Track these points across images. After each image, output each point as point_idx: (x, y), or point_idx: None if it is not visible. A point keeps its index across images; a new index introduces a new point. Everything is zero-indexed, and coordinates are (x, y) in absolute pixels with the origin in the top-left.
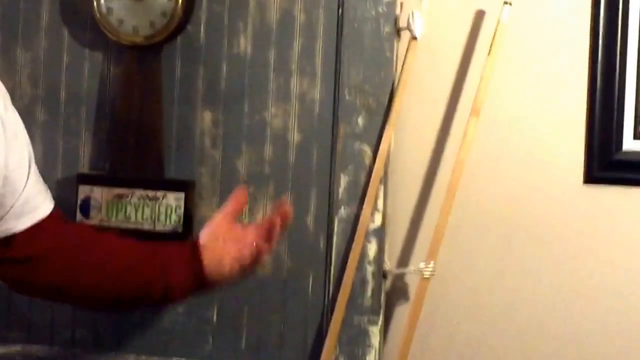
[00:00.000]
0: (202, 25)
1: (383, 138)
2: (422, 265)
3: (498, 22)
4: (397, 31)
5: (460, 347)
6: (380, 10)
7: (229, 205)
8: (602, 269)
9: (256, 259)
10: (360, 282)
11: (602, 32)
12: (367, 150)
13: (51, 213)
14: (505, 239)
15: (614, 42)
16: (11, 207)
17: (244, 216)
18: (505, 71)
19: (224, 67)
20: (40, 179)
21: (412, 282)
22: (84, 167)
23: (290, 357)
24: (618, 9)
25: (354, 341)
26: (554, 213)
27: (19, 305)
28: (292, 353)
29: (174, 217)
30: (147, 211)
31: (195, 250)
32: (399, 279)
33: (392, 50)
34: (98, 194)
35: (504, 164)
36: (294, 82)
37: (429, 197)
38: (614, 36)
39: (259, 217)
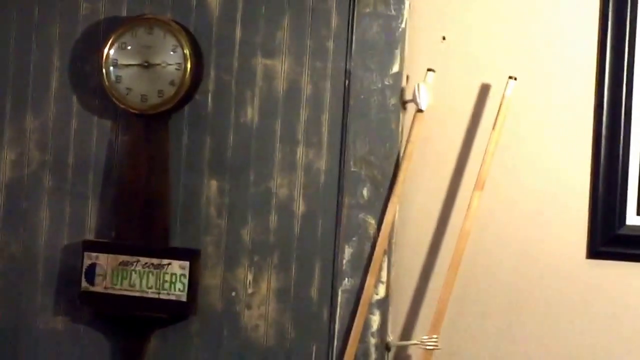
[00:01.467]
0: (209, 94)
1: (388, 209)
2: (425, 338)
3: (503, 96)
4: (403, 103)
5: None
6: (387, 82)
7: None
8: (606, 343)
9: None
10: (363, 354)
11: (606, 110)
12: (372, 222)
13: None
14: (509, 312)
15: (618, 120)
16: None
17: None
18: (510, 144)
19: (231, 136)
20: None
21: (416, 354)
22: (90, 234)
23: None
24: (622, 88)
25: None
26: (558, 287)
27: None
28: None
29: (178, 285)
30: (152, 279)
31: None
32: (402, 351)
33: (397, 122)
34: (103, 261)
35: (507, 238)
36: (300, 152)
37: (433, 269)
38: (618, 115)
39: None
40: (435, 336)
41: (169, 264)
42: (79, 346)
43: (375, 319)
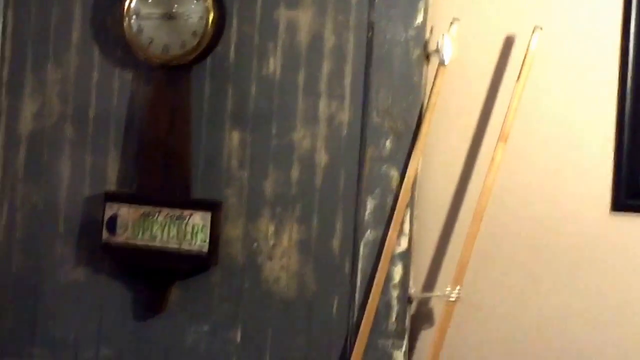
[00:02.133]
0: (232, 45)
1: (410, 162)
2: (447, 289)
3: (528, 47)
4: (427, 55)
5: None
6: (410, 34)
7: None
8: (629, 297)
9: None
10: (385, 306)
11: (632, 61)
12: (394, 174)
13: None
14: (532, 265)
15: None
16: None
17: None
18: (534, 96)
19: (253, 88)
20: None
21: (438, 306)
22: (111, 185)
23: None
24: None
25: None
26: (581, 240)
27: (44, 322)
28: None
29: (200, 236)
30: (173, 230)
31: None
32: (424, 303)
33: (420, 75)
34: (125, 212)
35: (531, 190)
36: (323, 104)
37: (456, 221)
38: None
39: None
40: (457, 288)
41: (191, 215)
42: (99, 297)
43: (398, 271)
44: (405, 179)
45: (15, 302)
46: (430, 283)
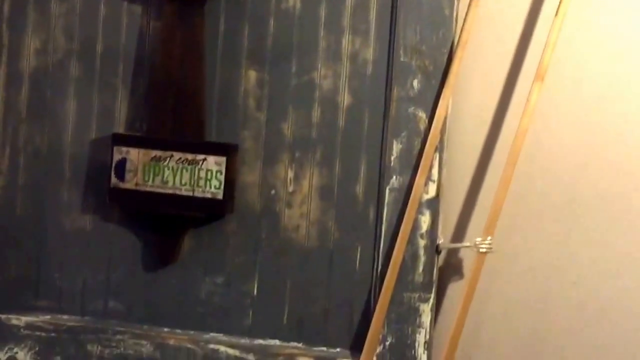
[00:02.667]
0: None
1: (440, 103)
2: (478, 240)
3: None
4: None
5: (518, 330)
6: None
7: None
8: None
9: None
10: (411, 257)
11: None
12: (422, 116)
13: None
14: (570, 213)
15: None
16: None
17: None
18: (573, 32)
19: (271, 23)
20: None
21: (467, 257)
22: (119, 127)
23: (335, 334)
24: None
25: (404, 319)
26: (622, 189)
27: (49, 272)
28: (336, 330)
29: (214, 182)
30: (186, 175)
31: None
32: (453, 254)
33: (451, 8)
34: (134, 156)
35: (569, 134)
36: (346, 40)
37: (488, 167)
38: None
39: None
40: (489, 238)
41: (204, 159)
42: (107, 246)
43: (425, 220)
44: (434, 121)
45: (18, 251)
46: (459, 233)
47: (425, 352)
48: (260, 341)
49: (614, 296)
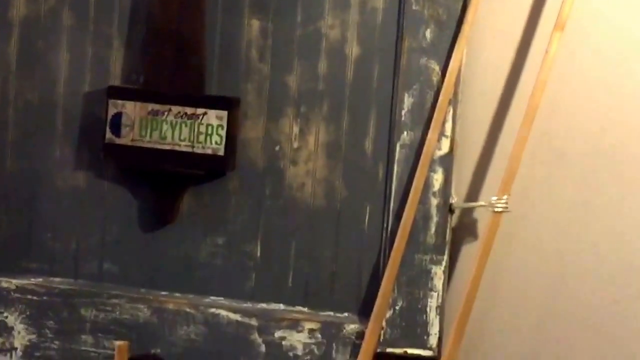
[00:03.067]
0: None
1: (454, 54)
2: (493, 199)
3: None
4: None
5: (536, 292)
6: None
7: None
8: None
9: None
10: (422, 217)
11: None
12: (435, 68)
13: None
14: (589, 171)
15: None
16: None
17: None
18: None
19: None
20: None
21: (482, 217)
22: (115, 80)
23: (342, 298)
24: None
25: (415, 282)
26: None
27: (41, 233)
28: (344, 294)
29: (215, 137)
30: (185, 130)
31: None
32: (467, 214)
33: None
34: (131, 110)
35: (590, 87)
36: None
37: (504, 123)
38: None
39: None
40: (505, 197)
41: (205, 113)
42: (102, 205)
43: (438, 178)
44: (448, 73)
45: (8, 211)
46: (473, 192)
47: (438, 316)
48: (264, 305)
49: (633, 258)
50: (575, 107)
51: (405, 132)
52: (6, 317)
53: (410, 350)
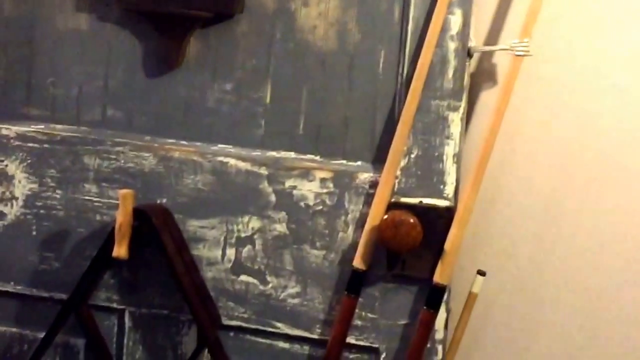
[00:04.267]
0: None
1: None
2: (514, 42)
3: None
4: None
5: (556, 137)
6: None
7: None
8: None
9: None
10: (440, 61)
11: None
12: None
13: None
14: (612, 16)
15: None
16: None
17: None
18: None
19: None
20: None
21: (502, 62)
22: None
23: (355, 146)
24: None
25: (431, 129)
26: None
27: (42, 78)
28: (357, 141)
29: None
30: None
31: None
32: (486, 58)
33: None
34: None
35: None
36: None
37: None
38: None
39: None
40: (526, 40)
41: None
42: (105, 48)
43: (456, 20)
44: None
45: (6, 56)
46: (493, 35)
47: (455, 164)
48: (274, 153)
49: None
50: None
51: None
52: (6, 165)
53: (425, 200)
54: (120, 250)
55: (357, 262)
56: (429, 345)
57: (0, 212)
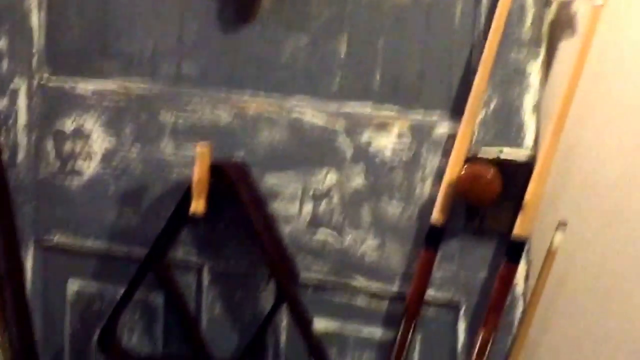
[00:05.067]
0: None
1: None
2: None
3: None
4: None
5: (635, 97)
6: None
7: None
8: None
9: None
10: (518, 10)
11: None
12: None
13: None
14: None
15: None
16: None
17: None
18: None
19: None
20: None
21: (581, 11)
22: None
23: (432, 97)
24: None
25: (509, 80)
26: None
27: (116, 36)
28: (433, 93)
29: None
30: None
31: None
32: (565, 7)
33: None
34: None
35: None
36: None
37: None
38: None
39: None
40: None
41: None
42: (179, 4)
43: None
44: None
45: (81, 16)
46: None
47: (534, 115)
48: (350, 106)
49: None
50: None
51: None
52: (84, 122)
53: (504, 152)
54: (197, 207)
55: (436, 216)
56: (509, 299)
57: (78, 169)
